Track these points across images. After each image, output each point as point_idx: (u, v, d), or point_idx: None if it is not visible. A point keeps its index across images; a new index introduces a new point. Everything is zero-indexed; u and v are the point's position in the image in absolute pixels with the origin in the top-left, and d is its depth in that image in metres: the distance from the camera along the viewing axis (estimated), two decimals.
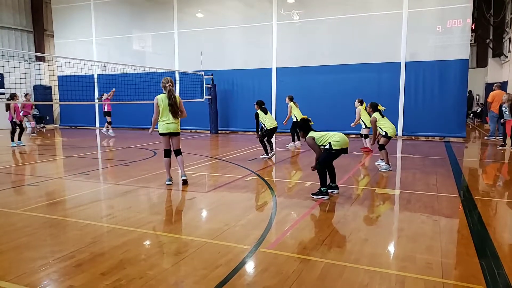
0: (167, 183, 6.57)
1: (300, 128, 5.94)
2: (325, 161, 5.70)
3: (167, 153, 6.60)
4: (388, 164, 7.86)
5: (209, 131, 16.49)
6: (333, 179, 5.90)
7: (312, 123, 5.89)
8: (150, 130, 6.73)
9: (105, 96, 15.01)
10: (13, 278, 3.15)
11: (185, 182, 6.60)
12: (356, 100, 10.74)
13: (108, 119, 15.02)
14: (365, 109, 10.08)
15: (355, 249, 3.76)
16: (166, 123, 6.39)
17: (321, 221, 4.73)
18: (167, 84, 6.35)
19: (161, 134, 6.49)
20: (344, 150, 5.69)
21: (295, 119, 11.53)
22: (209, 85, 16.23)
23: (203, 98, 15.94)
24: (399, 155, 10.44)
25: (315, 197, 5.63)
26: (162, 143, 6.59)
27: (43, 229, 4.41)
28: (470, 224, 4.58)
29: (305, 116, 5.96)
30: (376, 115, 7.96)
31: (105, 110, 15.04)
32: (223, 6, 16.71)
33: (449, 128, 13.47)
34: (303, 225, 4.57)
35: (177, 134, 6.56)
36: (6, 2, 19.45)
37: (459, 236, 4.28)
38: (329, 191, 5.78)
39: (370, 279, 3.13)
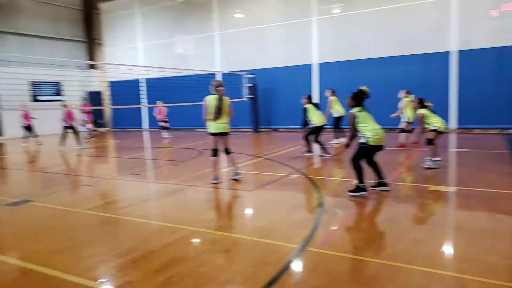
0: (214, 181, 6.66)
1: (353, 97, 5.54)
2: (359, 156, 5.49)
3: (215, 153, 6.69)
4: (434, 161, 7.37)
5: (251, 130, 16.61)
6: (380, 175, 5.64)
7: (367, 96, 5.54)
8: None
9: (157, 107, 15.49)
10: (78, 272, 3.34)
11: (236, 179, 6.73)
12: (402, 91, 10.24)
13: (163, 124, 15.64)
14: (411, 101, 9.62)
15: (409, 249, 3.61)
16: (217, 123, 6.50)
17: (371, 219, 4.60)
18: (219, 88, 6.45)
19: (212, 134, 6.58)
20: (380, 147, 5.48)
21: (337, 115, 11.27)
22: (250, 84, 16.34)
23: (244, 97, 16.08)
24: (453, 149, 9.92)
25: (352, 194, 5.42)
26: (211, 142, 6.67)
27: (100, 227, 4.65)
28: None
29: (365, 88, 5.57)
30: (423, 111, 7.45)
31: (158, 121, 15.69)
32: (262, 4, 16.75)
33: (509, 119, 12.60)
34: (352, 223, 4.47)
35: (227, 133, 6.67)
36: (63, 16, 20.74)
37: None
38: (377, 188, 5.59)
39: (428, 281, 3.00)
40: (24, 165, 10.00)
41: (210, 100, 6.44)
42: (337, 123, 11.37)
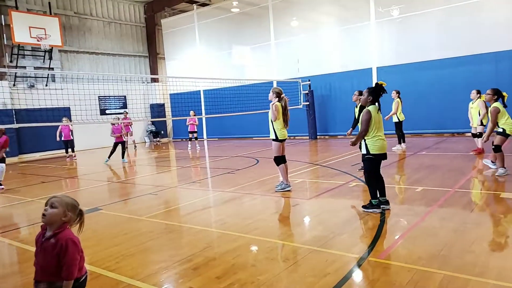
0: (288, 189, 6.67)
1: (371, 92, 5.02)
2: (370, 169, 5.11)
3: (284, 159, 6.72)
4: (504, 168, 6.76)
5: (307, 137, 16.50)
6: (382, 193, 5.18)
7: (385, 92, 5.07)
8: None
9: (190, 117, 15.68)
10: (143, 277, 3.53)
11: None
12: (474, 91, 9.32)
13: (190, 135, 15.83)
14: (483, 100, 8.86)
15: (479, 261, 3.39)
16: (285, 129, 6.64)
17: (437, 229, 4.36)
18: (283, 95, 6.63)
19: (282, 140, 6.65)
20: (384, 156, 5.09)
21: (396, 120, 10.84)
22: (306, 91, 16.27)
23: (300, 104, 16.04)
24: None
25: (365, 210, 5.11)
26: (279, 149, 6.65)
27: (164, 234, 4.87)
28: None
29: (384, 83, 5.09)
30: (498, 105, 6.78)
31: (190, 130, 15.81)
32: (318, 11, 16.68)
33: None
34: (416, 233, 4.27)
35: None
36: (128, 34, 22.22)
37: None
38: (370, 211, 5.14)
39: None
40: (93, 176, 10.76)
41: (280, 107, 6.54)
42: (400, 128, 10.94)
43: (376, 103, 5.10)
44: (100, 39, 20.79)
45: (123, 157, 12.93)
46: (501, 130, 6.80)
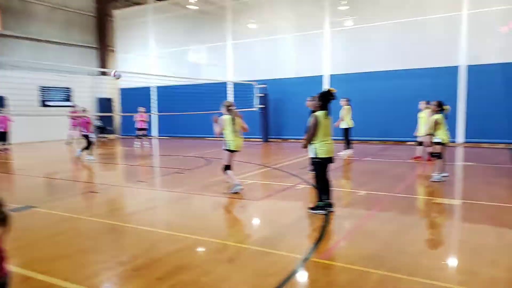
0: (239, 188, 6.55)
1: (321, 98, 5.16)
2: (318, 172, 5.27)
3: (230, 167, 6.67)
4: (439, 174, 7.24)
5: (260, 140, 16.64)
6: (328, 195, 5.27)
7: (334, 98, 5.16)
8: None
9: (138, 116, 15.27)
10: (78, 280, 3.36)
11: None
12: (423, 102, 9.86)
13: (139, 132, 15.46)
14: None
15: (411, 261, 3.60)
16: (237, 141, 6.52)
17: (376, 231, 4.57)
18: (231, 108, 6.53)
19: (232, 151, 6.55)
20: (330, 160, 5.24)
21: (345, 126, 11.17)
22: (261, 94, 16.40)
23: (255, 107, 16.14)
24: (459, 163, 9.84)
25: (312, 211, 5.24)
26: (227, 159, 6.57)
27: (104, 234, 4.68)
28: None
29: (333, 89, 5.19)
30: (439, 117, 7.19)
31: (139, 127, 15.38)
32: (275, 15, 16.87)
33: None
34: (356, 235, 4.45)
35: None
36: (76, 22, 21.06)
37: None
38: (316, 211, 5.22)
39: None
40: (30, 171, 10.10)
41: (229, 119, 6.47)
42: (347, 134, 11.30)
43: (326, 109, 5.23)
44: (44, 25, 19.54)
45: (82, 150, 11.65)
46: (438, 140, 7.26)
